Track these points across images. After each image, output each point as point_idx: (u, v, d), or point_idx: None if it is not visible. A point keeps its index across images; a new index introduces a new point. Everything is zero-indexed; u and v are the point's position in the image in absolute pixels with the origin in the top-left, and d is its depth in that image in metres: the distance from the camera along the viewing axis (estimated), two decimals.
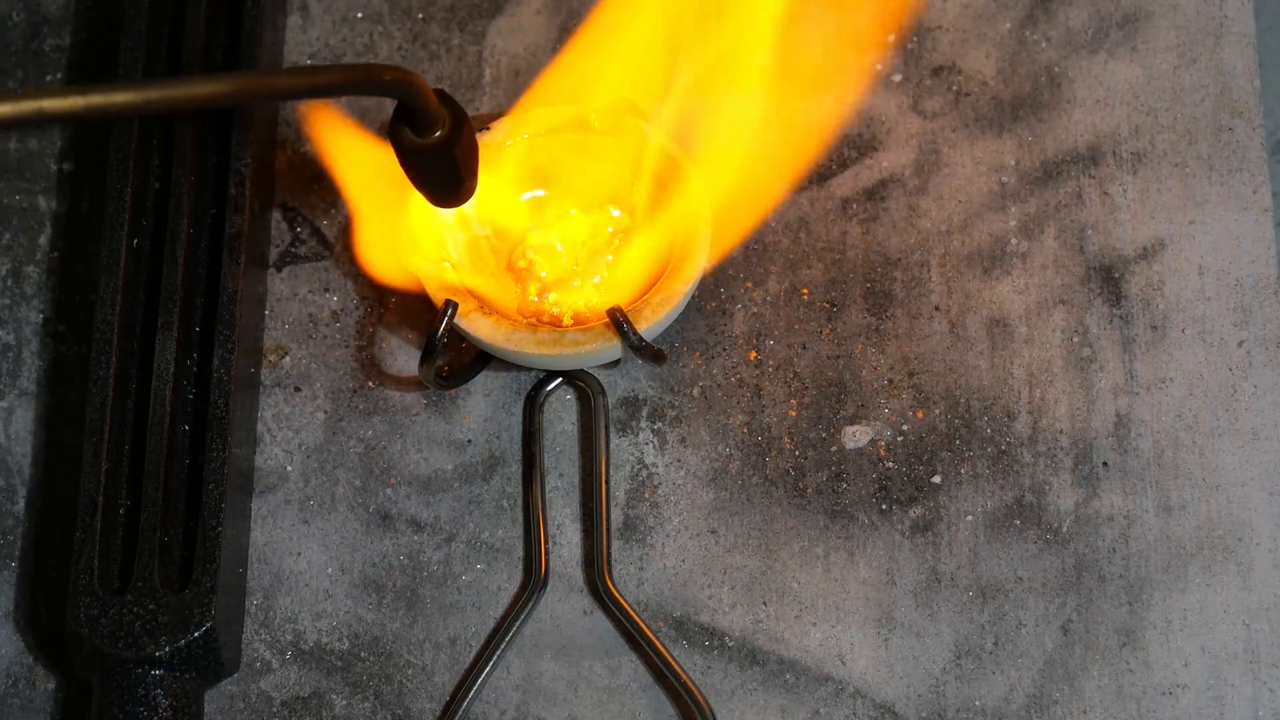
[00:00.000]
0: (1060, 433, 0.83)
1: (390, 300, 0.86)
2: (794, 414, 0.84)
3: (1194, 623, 0.81)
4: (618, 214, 0.84)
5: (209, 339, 0.83)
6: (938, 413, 0.84)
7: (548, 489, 0.84)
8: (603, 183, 0.84)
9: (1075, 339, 0.85)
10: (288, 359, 0.86)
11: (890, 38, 0.89)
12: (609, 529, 0.82)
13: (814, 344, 0.85)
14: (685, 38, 0.84)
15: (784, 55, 0.89)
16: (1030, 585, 0.82)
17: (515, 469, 0.84)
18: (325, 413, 0.85)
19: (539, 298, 0.84)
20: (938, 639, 0.81)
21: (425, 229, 0.82)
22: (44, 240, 0.88)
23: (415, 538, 0.83)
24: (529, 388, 0.85)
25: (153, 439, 0.81)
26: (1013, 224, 0.87)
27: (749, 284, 0.86)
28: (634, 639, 0.81)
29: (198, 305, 0.84)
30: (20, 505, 0.84)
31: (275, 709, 0.81)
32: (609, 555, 0.82)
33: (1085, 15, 0.90)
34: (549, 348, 0.81)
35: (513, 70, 0.90)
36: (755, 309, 0.86)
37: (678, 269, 0.82)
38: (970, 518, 0.83)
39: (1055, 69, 0.89)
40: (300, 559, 0.83)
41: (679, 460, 0.84)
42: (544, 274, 0.84)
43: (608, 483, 0.83)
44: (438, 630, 0.82)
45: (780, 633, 0.81)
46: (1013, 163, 0.88)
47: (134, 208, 0.84)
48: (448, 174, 0.75)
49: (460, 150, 0.74)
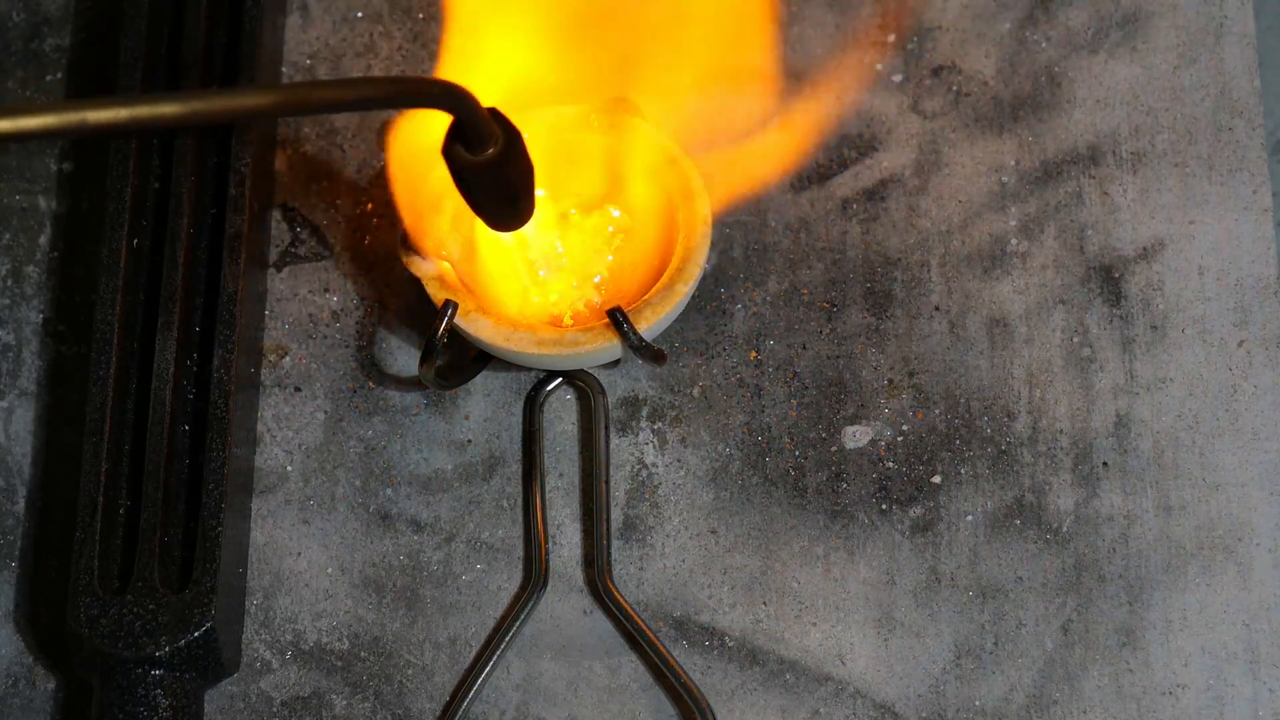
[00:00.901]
0: (1060, 433, 0.83)
1: (390, 300, 0.86)
2: (794, 414, 0.84)
3: (1194, 623, 0.81)
4: (618, 214, 0.84)
5: (209, 339, 0.83)
6: (938, 413, 0.84)
7: (548, 489, 0.83)
8: (603, 183, 0.84)
9: (1075, 339, 0.85)
10: (288, 359, 0.86)
11: (890, 38, 0.89)
12: (609, 529, 0.82)
13: (814, 344, 0.85)
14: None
15: (784, 55, 0.89)
16: (1030, 585, 0.82)
17: (515, 469, 0.84)
18: (325, 413, 0.85)
19: (539, 298, 0.84)
20: (938, 639, 0.81)
21: (424, 229, 0.82)
22: (44, 240, 0.88)
23: (415, 538, 0.83)
24: (529, 388, 0.85)
25: (153, 439, 0.81)
26: (1013, 224, 0.87)
27: (749, 284, 0.86)
28: (634, 639, 0.81)
29: (198, 305, 0.84)
30: (20, 505, 0.84)
31: (275, 709, 0.81)
32: (609, 555, 0.82)
33: (1085, 15, 0.89)
34: (549, 348, 0.81)
35: None
36: (755, 309, 0.86)
37: (678, 269, 0.82)
38: (970, 518, 0.82)
39: (1055, 69, 0.89)
40: (300, 559, 0.83)
41: (679, 460, 0.84)
42: (544, 273, 0.84)
43: (608, 483, 0.83)
44: (438, 630, 0.82)
45: (780, 633, 0.81)
46: (1013, 163, 0.88)
47: (134, 208, 0.84)
48: (503, 193, 0.74)
49: (515, 168, 0.73)
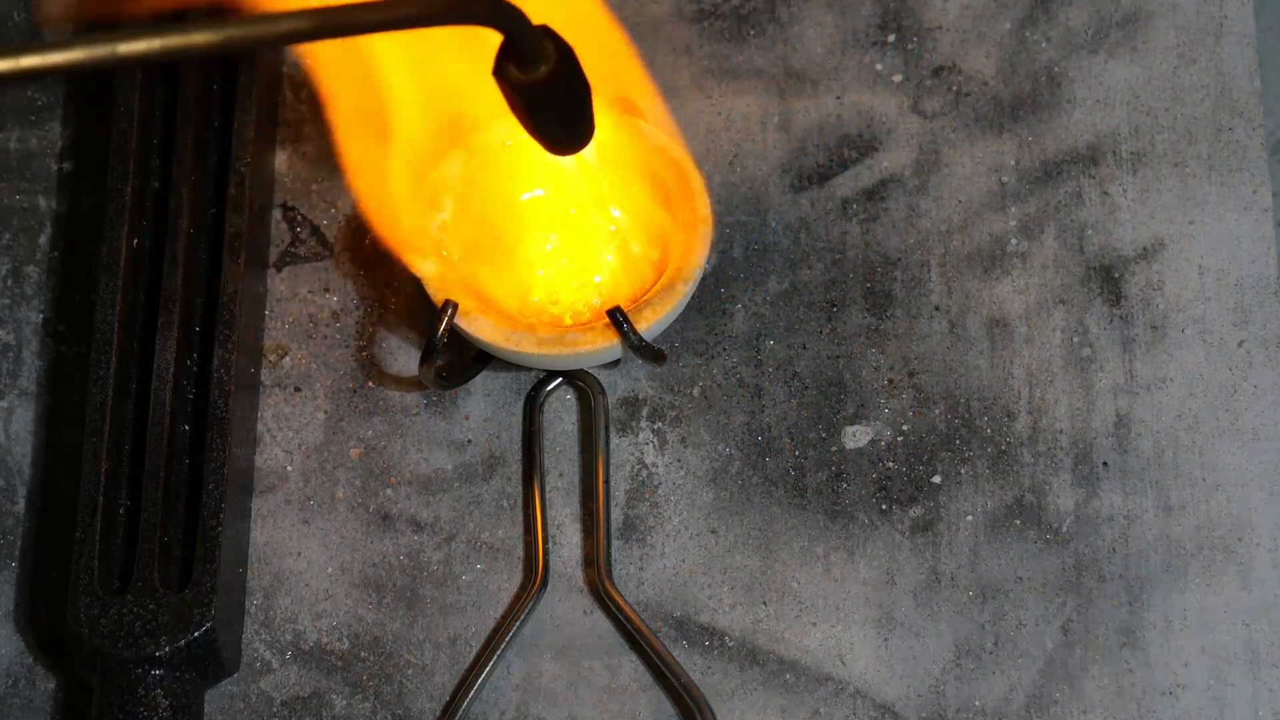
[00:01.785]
0: (1060, 433, 0.83)
1: (390, 300, 0.86)
2: (794, 414, 0.84)
3: (1194, 623, 0.81)
4: (618, 214, 0.84)
5: (209, 339, 0.83)
6: (938, 413, 0.84)
7: (548, 489, 0.83)
8: (603, 183, 0.84)
9: (1075, 339, 0.85)
10: (288, 359, 0.86)
11: (890, 38, 0.89)
12: (609, 529, 0.82)
13: (814, 344, 0.85)
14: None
15: (784, 55, 0.89)
16: (1030, 585, 0.82)
17: (515, 469, 0.84)
18: (325, 413, 0.85)
19: (539, 297, 0.84)
20: (938, 639, 0.81)
21: (424, 228, 0.82)
22: (44, 240, 0.88)
23: (415, 538, 0.83)
24: (529, 388, 0.85)
25: (153, 439, 0.81)
26: (1013, 224, 0.87)
27: (749, 284, 0.86)
28: (634, 639, 0.81)
29: (198, 305, 0.84)
30: (20, 505, 0.84)
31: (275, 709, 0.81)
32: (609, 555, 0.82)
33: (1085, 15, 0.89)
34: (549, 348, 0.81)
35: None
36: (755, 309, 0.86)
37: (678, 269, 0.82)
38: (970, 518, 0.82)
39: (1055, 69, 0.89)
40: (300, 559, 0.83)
41: (679, 460, 0.84)
42: (544, 274, 0.84)
43: (608, 483, 0.83)
44: (438, 630, 0.82)
45: (780, 633, 0.81)
46: (1013, 163, 0.88)
47: (134, 208, 0.84)
48: (561, 112, 0.73)
49: (570, 86, 0.72)
